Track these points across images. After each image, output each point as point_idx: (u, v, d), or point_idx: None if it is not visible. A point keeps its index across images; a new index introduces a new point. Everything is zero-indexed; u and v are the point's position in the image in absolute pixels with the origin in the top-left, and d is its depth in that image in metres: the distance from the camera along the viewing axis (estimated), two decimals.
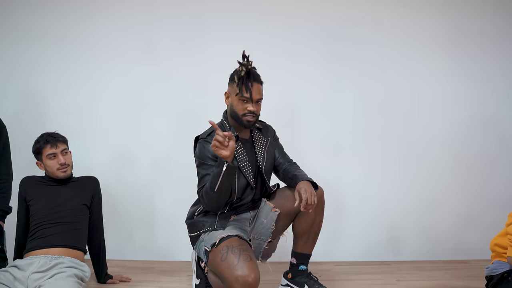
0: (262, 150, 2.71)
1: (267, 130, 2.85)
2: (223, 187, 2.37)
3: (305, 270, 2.75)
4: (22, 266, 2.50)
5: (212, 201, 2.43)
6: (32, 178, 2.87)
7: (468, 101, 3.82)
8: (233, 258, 2.30)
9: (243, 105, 2.56)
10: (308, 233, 2.69)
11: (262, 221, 2.69)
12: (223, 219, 2.57)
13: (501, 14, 3.88)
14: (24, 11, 3.78)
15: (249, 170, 2.62)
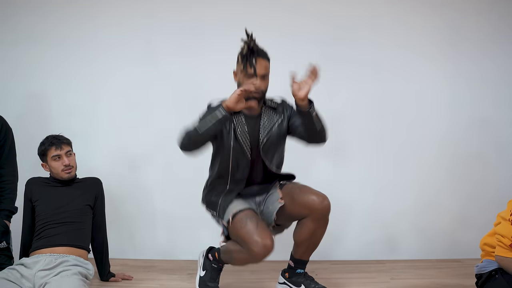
0: (267, 128, 2.75)
1: (283, 108, 2.86)
2: (209, 132, 2.57)
3: (302, 273, 2.84)
4: (29, 264, 2.59)
5: (189, 139, 2.63)
6: (37, 179, 2.97)
7: (465, 103, 3.91)
8: (251, 225, 2.54)
9: (248, 78, 2.65)
10: (308, 243, 2.77)
11: (268, 206, 2.77)
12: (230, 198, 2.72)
13: (497, 13, 3.98)
14: (25, 12, 3.87)
15: (247, 142, 2.70)
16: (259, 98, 2.70)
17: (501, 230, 2.38)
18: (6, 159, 3.08)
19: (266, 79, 2.70)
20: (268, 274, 3.24)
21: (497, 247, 2.40)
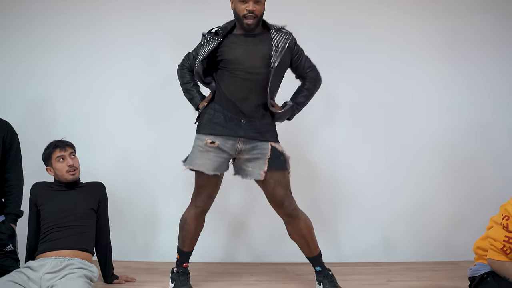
0: (278, 50, 2.77)
1: (285, 36, 2.85)
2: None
3: (320, 270, 2.93)
4: (35, 267, 2.66)
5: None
6: (42, 184, 3.03)
7: (463, 106, 4.01)
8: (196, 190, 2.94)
9: (242, 5, 2.72)
10: (300, 240, 2.90)
11: (248, 165, 2.87)
12: (211, 127, 2.84)
13: (495, 14, 4.07)
14: (34, 22, 3.93)
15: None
16: (255, 22, 2.76)
17: (493, 234, 2.46)
18: (12, 164, 3.13)
19: (261, 3, 2.76)
20: (268, 276, 3.30)
21: (489, 251, 2.48)
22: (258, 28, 2.83)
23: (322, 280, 2.88)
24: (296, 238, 2.92)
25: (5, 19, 3.93)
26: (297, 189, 3.17)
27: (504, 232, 2.40)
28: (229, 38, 2.81)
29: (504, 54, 4.08)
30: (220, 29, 2.80)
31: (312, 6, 3.98)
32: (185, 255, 2.98)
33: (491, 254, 2.47)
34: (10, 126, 3.19)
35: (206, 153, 2.79)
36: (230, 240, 3.94)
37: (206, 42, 2.81)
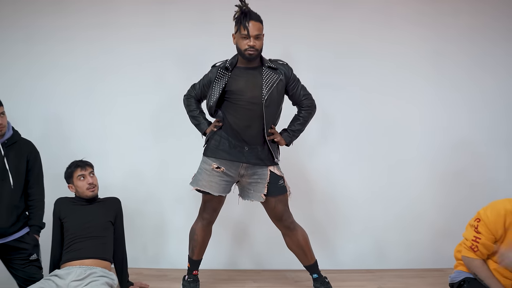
0: (269, 84, 3.11)
1: (283, 70, 3.20)
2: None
3: (317, 277, 3.26)
4: (62, 275, 2.96)
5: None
6: (65, 199, 3.33)
7: (445, 125, 4.31)
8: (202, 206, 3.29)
9: (244, 41, 3.05)
10: (297, 250, 3.23)
11: (250, 188, 3.20)
12: (217, 153, 3.16)
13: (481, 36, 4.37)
14: (51, 45, 4.23)
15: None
16: (256, 57, 3.09)
17: (465, 234, 2.83)
18: (35, 180, 3.42)
19: (260, 39, 3.08)
20: (269, 282, 3.59)
21: (462, 249, 2.81)
22: (257, 61, 3.14)
23: (319, 286, 3.20)
24: (294, 248, 3.23)
25: (23, 43, 4.23)
26: (296, 202, 3.50)
27: (473, 232, 2.75)
28: (234, 71, 3.13)
29: (489, 73, 4.38)
30: (229, 64, 3.10)
31: (309, 28, 4.27)
32: (195, 264, 3.28)
33: (463, 252, 2.81)
34: (33, 145, 3.47)
35: (212, 177, 3.11)
36: (233, 248, 4.24)
37: (219, 77, 3.11)
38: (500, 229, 2.68)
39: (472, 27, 4.36)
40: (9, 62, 4.25)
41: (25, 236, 3.31)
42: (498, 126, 4.35)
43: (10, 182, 3.28)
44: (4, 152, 3.29)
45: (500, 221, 2.68)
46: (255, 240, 4.24)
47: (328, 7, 4.29)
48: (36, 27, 4.24)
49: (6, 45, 4.25)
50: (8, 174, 3.26)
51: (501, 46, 4.38)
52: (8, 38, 4.25)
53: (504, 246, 2.70)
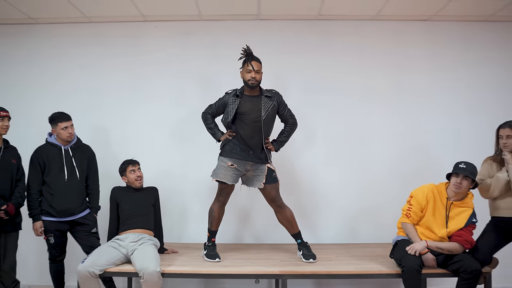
0: (266, 108, 4.23)
1: (275, 97, 4.32)
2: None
3: (301, 242, 4.36)
4: (122, 239, 4.14)
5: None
6: (119, 187, 4.48)
7: (402, 133, 5.30)
8: (219, 192, 4.33)
9: (248, 74, 4.18)
10: (286, 223, 4.36)
11: (255, 179, 4.31)
12: (231, 154, 4.27)
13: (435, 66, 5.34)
14: (92, 69, 5.36)
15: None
16: (257, 86, 4.21)
17: (403, 207, 4.01)
18: (93, 174, 4.57)
19: (259, 73, 4.19)
20: (267, 251, 4.65)
21: (401, 218, 4.00)
22: (258, 91, 4.26)
23: (302, 248, 4.29)
24: (283, 222, 4.35)
25: (78, 69, 5.35)
26: (287, 192, 4.62)
27: (408, 205, 3.99)
28: (242, 98, 4.24)
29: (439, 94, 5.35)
30: (238, 92, 4.24)
31: (298, 59, 5.33)
32: (213, 233, 4.39)
33: (401, 219, 4.01)
34: (91, 149, 4.62)
35: (227, 171, 4.23)
36: (239, 227, 5.33)
37: (231, 101, 4.22)
38: (424, 202, 3.88)
39: (426, 58, 5.34)
40: (66, 81, 5.36)
41: (87, 215, 4.45)
42: (445, 134, 5.30)
43: (77, 176, 4.40)
44: (72, 153, 4.43)
45: (424, 197, 3.89)
46: (256, 220, 5.33)
47: (314, 43, 5.35)
48: (90, 55, 5.36)
49: (62, 67, 5.37)
50: (75, 170, 4.40)
51: (457, 66, 5.35)
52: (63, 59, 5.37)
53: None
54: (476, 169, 3.93)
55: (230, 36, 5.35)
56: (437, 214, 3.92)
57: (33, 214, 4.31)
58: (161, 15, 5.29)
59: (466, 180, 3.84)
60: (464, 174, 3.83)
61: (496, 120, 4.33)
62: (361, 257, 4.36)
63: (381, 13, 5.22)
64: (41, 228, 4.30)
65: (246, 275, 4.00)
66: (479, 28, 5.41)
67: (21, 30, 5.44)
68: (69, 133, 4.36)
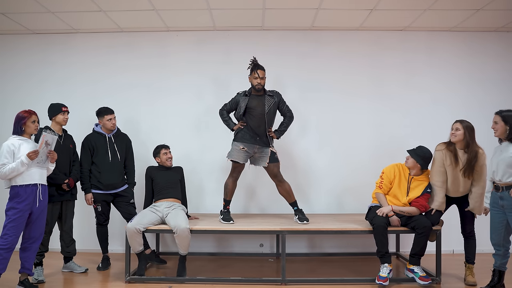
0: (269, 104, 5.21)
1: (276, 96, 5.28)
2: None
3: (297, 209, 5.32)
4: (158, 205, 5.21)
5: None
6: (153, 167, 5.52)
7: (380, 123, 6.30)
8: (233, 169, 5.27)
9: (255, 80, 5.17)
10: (285, 194, 5.35)
11: (260, 159, 5.29)
12: (243, 140, 5.25)
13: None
14: (125, 73, 6.31)
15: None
16: (261, 88, 5.18)
17: (376, 181, 5.06)
18: (130, 157, 5.60)
19: (264, 79, 5.16)
20: (270, 216, 5.79)
21: (375, 190, 5.06)
22: (262, 91, 5.27)
23: (297, 213, 5.31)
24: (283, 193, 5.35)
25: (103, 69, 6.32)
26: (287, 172, 5.62)
27: (380, 179, 5.04)
28: (250, 96, 5.28)
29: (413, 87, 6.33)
30: (247, 93, 5.28)
31: (294, 62, 6.31)
32: (228, 202, 5.41)
33: (375, 190, 5.08)
34: (128, 136, 5.63)
35: (240, 153, 5.26)
36: (247, 200, 6.34)
37: (242, 99, 5.24)
38: (391, 176, 4.99)
39: (400, 62, 6.32)
40: (104, 83, 6.32)
41: (127, 189, 5.48)
42: (413, 125, 6.30)
43: (118, 158, 5.42)
44: (114, 140, 5.44)
45: (392, 173, 5.00)
46: (260, 195, 6.35)
47: (308, 49, 6.32)
48: (123, 60, 6.31)
49: (101, 70, 6.34)
50: (117, 153, 5.41)
51: (425, 69, 6.32)
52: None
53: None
54: (426, 153, 4.91)
55: (239, 44, 6.36)
56: (401, 185, 4.98)
57: (85, 188, 5.36)
58: (182, 26, 6.30)
59: (412, 158, 4.94)
60: (410, 154, 4.95)
61: (455, 113, 5.45)
62: (344, 221, 5.42)
63: (364, 25, 6.25)
64: (91, 198, 5.35)
65: (254, 231, 5.08)
66: (445, 37, 6.45)
67: (64, 39, 6.47)
68: (112, 124, 5.39)
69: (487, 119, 4.92)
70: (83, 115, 6.08)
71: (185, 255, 5.01)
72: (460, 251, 5.60)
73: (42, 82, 6.47)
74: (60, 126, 5.19)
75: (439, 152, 4.90)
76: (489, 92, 6.41)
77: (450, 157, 4.82)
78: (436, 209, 4.87)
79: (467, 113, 5.86)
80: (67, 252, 5.33)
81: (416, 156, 4.91)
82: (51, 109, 5.16)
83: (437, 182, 4.88)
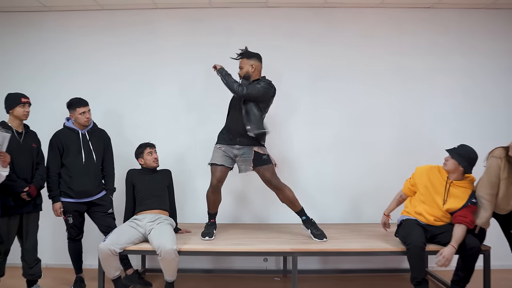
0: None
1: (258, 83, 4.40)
2: None
3: (306, 219, 4.47)
4: (140, 219, 4.33)
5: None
6: (134, 170, 4.66)
7: (403, 116, 5.48)
8: (213, 172, 4.37)
9: None
10: (287, 203, 4.49)
11: (242, 164, 4.43)
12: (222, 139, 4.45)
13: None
14: (103, 59, 5.53)
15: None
16: (241, 78, 4.46)
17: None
18: (108, 157, 4.75)
19: (246, 68, 4.44)
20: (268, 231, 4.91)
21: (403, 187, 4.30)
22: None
23: (308, 226, 4.45)
24: (285, 201, 4.47)
25: (93, 58, 5.51)
26: (291, 173, 4.97)
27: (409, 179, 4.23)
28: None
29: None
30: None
31: (304, 49, 5.50)
32: (212, 215, 4.59)
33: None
34: (106, 133, 4.79)
35: (217, 153, 4.49)
36: (238, 208, 5.53)
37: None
38: (423, 179, 4.21)
39: (429, 43, 5.52)
40: (87, 72, 5.52)
41: (104, 196, 4.63)
42: (444, 118, 5.50)
43: (94, 159, 4.58)
44: (89, 137, 4.60)
45: (424, 174, 4.22)
46: (253, 203, 5.53)
47: (319, 29, 5.52)
48: (102, 42, 5.52)
49: (76, 53, 5.53)
50: (92, 153, 4.58)
51: (456, 53, 5.52)
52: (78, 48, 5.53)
53: None
54: (471, 154, 4.05)
55: (239, 24, 5.54)
56: (437, 191, 4.12)
57: (52, 196, 4.50)
58: (172, 3, 5.44)
59: (453, 159, 4.04)
60: (451, 154, 4.05)
61: (494, 105, 4.64)
62: (366, 236, 4.56)
63: (385, 1, 5.40)
64: (60, 208, 4.49)
65: (259, 252, 4.21)
66: (480, 16, 5.60)
67: (34, 18, 5.59)
68: (86, 118, 4.55)
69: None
70: (55, 108, 5.22)
71: (172, 281, 4.14)
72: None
73: (6, 67, 5.61)
74: (19, 120, 4.33)
75: (496, 159, 3.99)
76: None
77: (508, 169, 3.95)
78: (481, 226, 3.99)
79: (508, 105, 5.25)
80: (31, 275, 4.41)
81: (458, 157, 4.02)
82: (7, 100, 4.31)
83: (486, 196, 4.01)
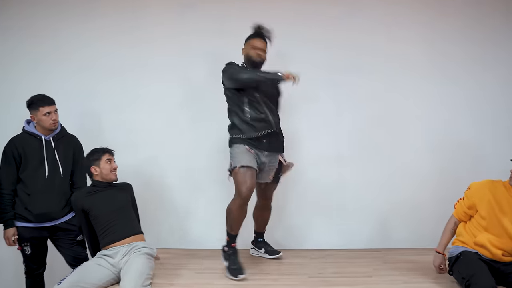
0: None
1: None
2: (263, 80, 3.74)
3: (261, 240, 4.17)
4: (111, 255, 3.43)
5: (248, 79, 3.73)
6: (81, 192, 3.69)
7: (443, 119, 4.67)
8: (242, 179, 3.56)
9: (253, 50, 3.90)
10: (261, 221, 4.14)
11: (265, 172, 3.84)
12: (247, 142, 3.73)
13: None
14: (79, 48, 4.78)
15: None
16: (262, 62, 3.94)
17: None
18: (80, 170, 3.92)
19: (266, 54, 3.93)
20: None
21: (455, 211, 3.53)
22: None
23: (262, 246, 4.15)
24: (258, 218, 4.12)
25: (68, 48, 4.78)
26: (302, 185, 4.48)
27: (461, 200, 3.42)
28: None
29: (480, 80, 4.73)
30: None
31: (314, 36, 4.71)
32: (233, 237, 3.70)
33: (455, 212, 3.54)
34: (77, 139, 4.00)
35: (248, 155, 3.72)
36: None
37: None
38: (481, 198, 3.35)
39: (471, 27, 4.72)
40: (57, 65, 4.79)
41: (72, 219, 3.81)
42: (498, 122, 4.70)
43: (60, 172, 3.79)
44: (55, 145, 3.80)
45: (482, 192, 3.37)
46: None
47: (338, 12, 4.72)
48: (79, 30, 4.79)
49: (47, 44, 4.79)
50: (58, 164, 3.79)
51: (501, 45, 4.74)
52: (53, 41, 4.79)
53: None
54: None
55: (238, 8, 4.76)
56: (505, 213, 3.26)
57: (4, 219, 3.72)
58: None
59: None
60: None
61: None
62: (405, 271, 3.69)
63: None
64: (14, 236, 3.71)
65: None
66: None
67: None
68: (52, 120, 3.80)
69: None
70: (12, 108, 4.56)
71: None
72: None
73: None
74: None
75: None
76: None
77: None
78: None
79: None
80: None
81: None
82: None
83: None
